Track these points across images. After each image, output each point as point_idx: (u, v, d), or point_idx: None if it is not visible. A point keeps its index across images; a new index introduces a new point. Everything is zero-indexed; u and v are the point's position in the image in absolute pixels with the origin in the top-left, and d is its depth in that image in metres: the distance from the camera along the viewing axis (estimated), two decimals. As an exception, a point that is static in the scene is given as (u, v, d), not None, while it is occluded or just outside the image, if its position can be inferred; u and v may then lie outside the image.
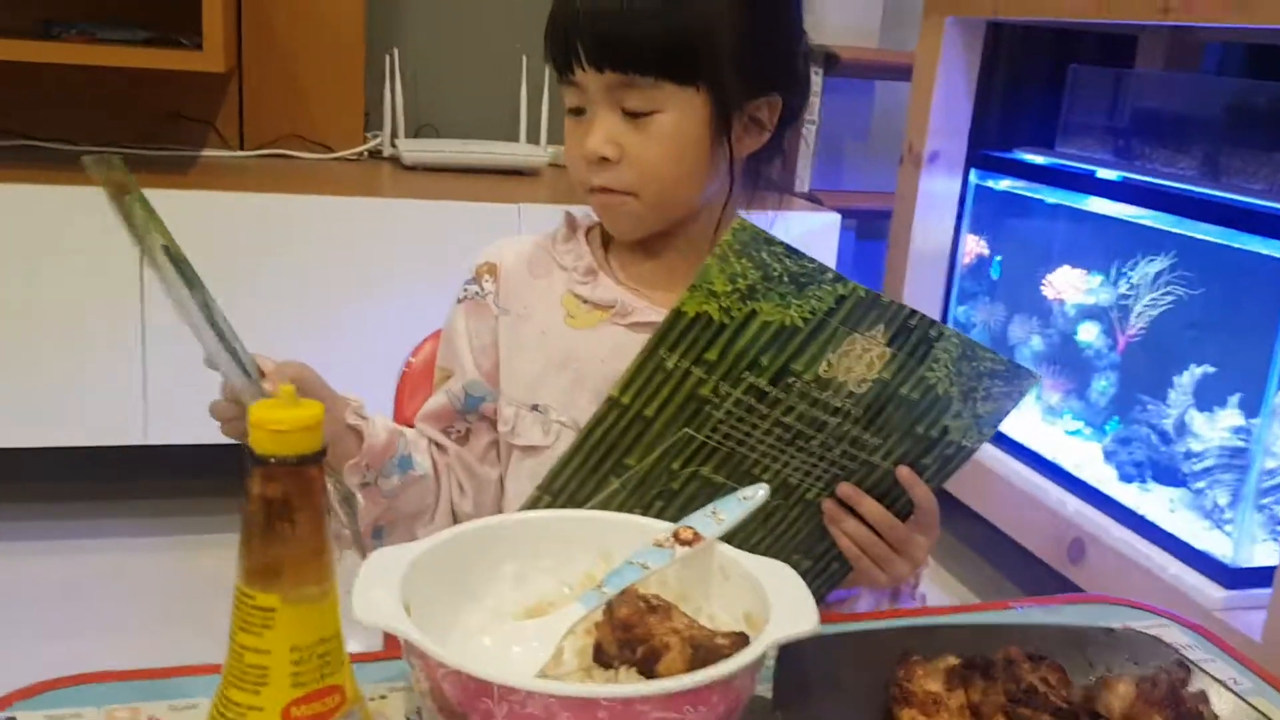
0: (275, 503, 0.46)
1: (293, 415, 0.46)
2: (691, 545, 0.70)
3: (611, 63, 0.86)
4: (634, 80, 0.86)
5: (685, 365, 0.74)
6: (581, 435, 0.78)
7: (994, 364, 0.76)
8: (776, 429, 0.77)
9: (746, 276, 0.71)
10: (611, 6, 0.85)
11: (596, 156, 0.89)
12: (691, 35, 0.86)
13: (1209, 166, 1.90)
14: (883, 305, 0.72)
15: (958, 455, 0.80)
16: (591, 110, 0.89)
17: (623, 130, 0.88)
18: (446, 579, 0.69)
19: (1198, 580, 1.67)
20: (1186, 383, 1.81)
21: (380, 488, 0.92)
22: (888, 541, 0.82)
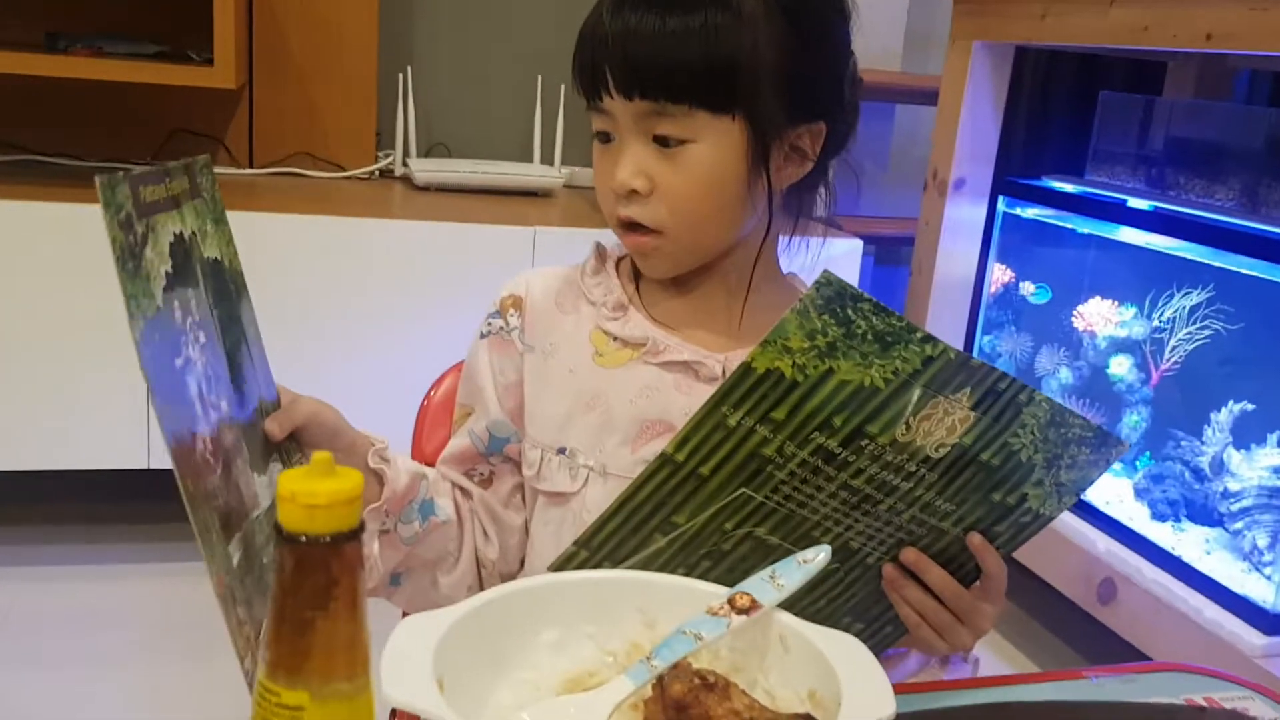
0: (306, 587, 0.41)
1: (329, 488, 0.40)
2: (749, 613, 0.65)
3: (642, 90, 0.81)
4: (666, 108, 0.81)
5: (750, 424, 0.68)
6: (628, 491, 0.72)
7: (1083, 430, 0.70)
8: (843, 492, 0.71)
9: (827, 334, 0.66)
10: (644, 29, 0.79)
11: (626, 189, 0.83)
12: (730, 61, 0.80)
13: (1247, 197, 1.85)
14: (972, 368, 0.67)
15: (1033, 523, 0.74)
16: (620, 138, 0.84)
17: (653, 161, 0.83)
18: (482, 648, 0.63)
19: (1236, 626, 1.61)
20: (1224, 419, 1.76)
21: (400, 534, 0.87)
22: (951, 610, 0.76)
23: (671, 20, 0.79)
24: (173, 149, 2.33)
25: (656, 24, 0.79)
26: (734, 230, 0.87)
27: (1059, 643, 2.09)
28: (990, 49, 2.20)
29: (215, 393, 0.66)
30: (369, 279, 2.03)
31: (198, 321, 0.65)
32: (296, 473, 0.41)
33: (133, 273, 0.59)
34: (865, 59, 2.91)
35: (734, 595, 0.66)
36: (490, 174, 2.41)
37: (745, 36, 0.80)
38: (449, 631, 0.60)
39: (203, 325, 0.66)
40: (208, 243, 0.69)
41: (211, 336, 0.67)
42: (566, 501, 0.89)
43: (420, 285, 2.05)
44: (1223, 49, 1.67)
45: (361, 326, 2.03)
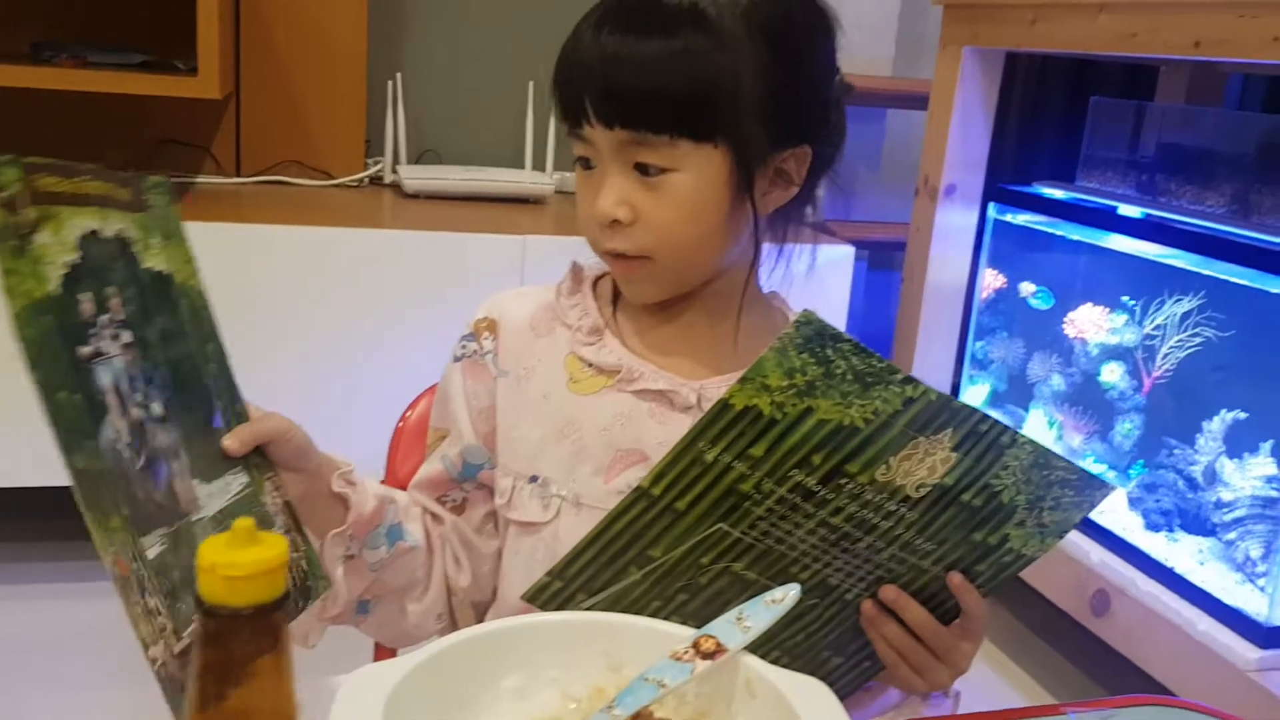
0: (228, 658, 0.39)
1: (251, 558, 0.39)
2: (714, 658, 0.63)
3: (623, 119, 0.79)
4: (647, 138, 0.79)
5: (727, 459, 0.67)
6: (604, 523, 0.71)
7: (1066, 473, 0.69)
8: (821, 529, 0.70)
9: (806, 372, 0.64)
10: (623, 54, 0.78)
11: (608, 219, 0.82)
12: (711, 89, 0.78)
13: (1239, 205, 1.83)
14: (953, 409, 0.65)
15: (1015, 563, 0.73)
16: (601, 166, 0.82)
17: (635, 190, 0.81)
18: (439, 697, 0.61)
19: (1230, 638, 1.60)
20: (1216, 428, 1.74)
21: (366, 559, 0.85)
22: (930, 648, 0.75)
23: (651, 44, 0.78)
24: (160, 159, 2.31)
25: (635, 48, 0.78)
26: (719, 256, 0.85)
27: (1053, 654, 2.08)
28: (981, 54, 2.18)
29: (142, 393, 0.66)
30: (358, 288, 2.02)
31: (121, 320, 0.66)
32: (218, 541, 0.39)
33: (14, 251, 0.59)
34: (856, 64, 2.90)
35: (699, 639, 0.64)
36: (481, 181, 2.40)
37: (726, 63, 0.78)
38: (404, 681, 0.59)
39: (129, 326, 0.66)
40: (151, 254, 0.70)
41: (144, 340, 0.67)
42: (538, 531, 0.88)
43: (411, 294, 2.03)
44: (1211, 56, 1.65)
45: (350, 336, 2.02)
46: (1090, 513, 0.72)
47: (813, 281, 0.97)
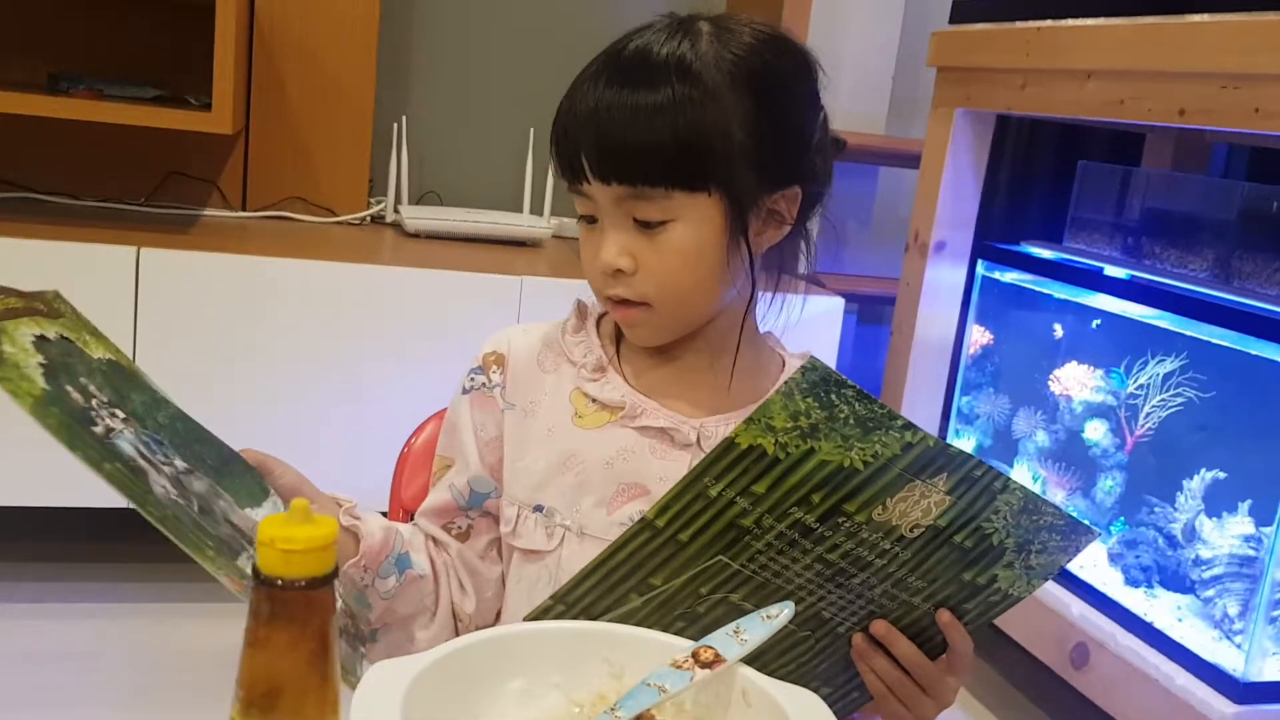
0: (280, 629, 0.42)
1: (306, 534, 0.42)
2: (712, 667, 0.66)
3: (618, 176, 0.83)
4: (644, 192, 0.83)
5: (730, 495, 0.71)
6: (608, 551, 0.74)
7: (1055, 518, 0.72)
8: (818, 564, 0.73)
9: (810, 415, 0.68)
10: (615, 118, 0.81)
11: (611, 269, 0.85)
12: (700, 140, 0.81)
13: (1221, 269, 1.89)
14: (950, 455, 0.69)
15: (1002, 603, 0.77)
16: (602, 220, 0.86)
17: (636, 241, 0.85)
18: (450, 695, 0.64)
19: (1207, 694, 1.62)
20: (1196, 487, 1.78)
21: (377, 589, 0.88)
22: (917, 682, 0.78)
23: (638, 97, 0.81)
24: (168, 190, 2.36)
25: (625, 102, 0.81)
26: (718, 299, 0.89)
27: (1032, 706, 2.10)
28: (972, 116, 2.24)
29: (162, 454, 0.70)
30: (358, 323, 2.05)
31: (105, 402, 0.70)
32: (275, 519, 0.43)
33: None
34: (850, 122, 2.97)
35: (698, 649, 0.67)
36: (480, 223, 2.44)
37: (712, 113, 0.81)
38: (418, 678, 0.62)
39: (115, 405, 0.70)
40: (93, 347, 0.75)
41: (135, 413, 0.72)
42: (542, 559, 0.91)
43: (408, 331, 2.07)
44: (1196, 124, 1.71)
45: (349, 370, 2.05)
46: (1076, 557, 0.76)
47: (802, 332, 1.01)
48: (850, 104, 2.84)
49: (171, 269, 1.95)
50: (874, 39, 2.84)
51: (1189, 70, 1.70)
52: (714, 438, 0.88)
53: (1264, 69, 1.56)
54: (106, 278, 1.91)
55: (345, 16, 2.38)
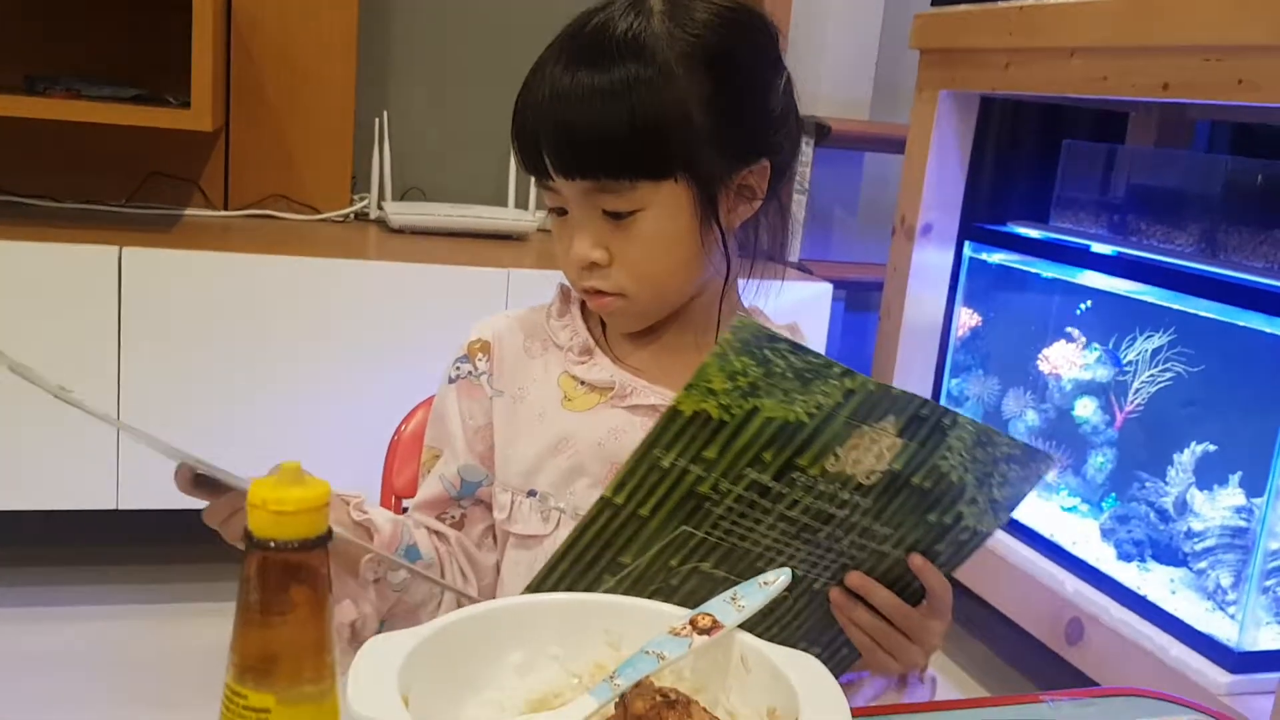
0: (273, 592, 0.42)
1: (297, 495, 0.42)
2: (710, 634, 0.66)
3: (580, 170, 0.82)
4: (608, 185, 0.82)
5: (683, 464, 0.70)
6: (573, 535, 0.73)
7: (1010, 448, 0.72)
8: (781, 523, 0.73)
9: (748, 374, 0.67)
10: (571, 108, 0.80)
11: (585, 262, 0.85)
12: (660, 128, 0.80)
13: (1207, 243, 1.89)
14: (893, 396, 0.69)
15: (972, 540, 0.76)
16: (572, 213, 0.85)
17: (607, 232, 0.84)
18: (447, 668, 0.64)
19: (1201, 664, 1.63)
20: (1187, 460, 1.78)
21: (389, 581, 0.87)
22: (900, 630, 0.77)
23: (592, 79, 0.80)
24: (149, 191, 2.34)
25: (579, 90, 0.80)
26: (695, 280, 0.88)
27: (1027, 682, 2.10)
28: (956, 98, 2.24)
29: None
30: (344, 319, 2.04)
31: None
32: (265, 482, 0.42)
33: None
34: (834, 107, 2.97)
35: (696, 616, 0.67)
36: (464, 217, 2.44)
37: (668, 96, 0.80)
38: (415, 651, 0.61)
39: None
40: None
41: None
42: (540, 544, 0.90)
43: (394, 325, 2.06)
44: (1179, 98, 1.71)
45: (336, 365, 2.04)
46: (1038, 485, 0.75)
47: (790, 318, 1.01)
48: (834, 90, 2.84)
49: (154, 268, 1.94)
50: (856, 23, 2.84)
51: (1171, 44, 1.70)
52: None
53: (1246, 40, 1.56)
54: (89, 279, 1.90)
55: (323, 12, 2.36)
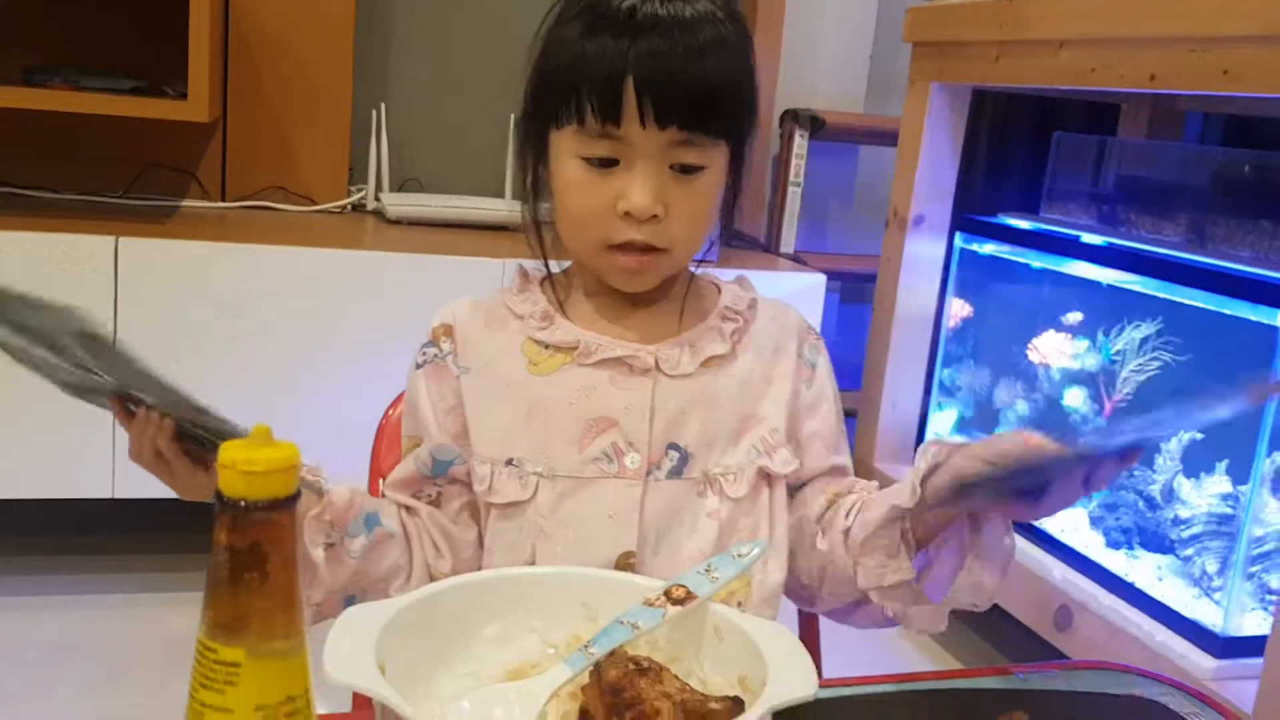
0: (244, 550, 0.43)
1: (266, 456, 0.43)
2: (684, 604, 0.67)
3: (682, 121, 0.83)
4: (696, 138, 0.83)
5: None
6: None
7: None
8: None
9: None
10: (682, 66, 0.82)
11: (648, 214, 0.84)
12: (746, 91, 0.86)
13: (1195, 233, 1.90)
14: None
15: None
16: (632, 163, 0.84)
17: (669, 186, 0.85)
18: (425, 638, 0.65)
19: (1187, 649, 1.64)
20: (1174, 449, 1.80)
21: (346, 547, 0.87)
22: None
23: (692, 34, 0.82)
24: (147, 182, 2.36)
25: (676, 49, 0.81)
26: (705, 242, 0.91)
27: (1019, 672, 2.11)
28: (948, 90, 2.26)
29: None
30: (341, 310, 2.05)
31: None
32: (235, 443, 0.43)
33: None
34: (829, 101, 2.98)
35: (670, 588, 0.68)
36: (461, 209, 2.45)
37: (747, 60, 0.86)
38: (392, 621, 0.63)
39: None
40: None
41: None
42: (521, 512, 0.91)
43: (391, 316, 2.07)
44: (1165, 89, 1.73)
45: (332, 355, 2.05)
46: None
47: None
48: (829, 84, 2.85)
49: (151, 258, 1.95)
50: (851, 17, 2.85)
51: (1157, 35, 1.71)
52: (670, 360, 0.89)
53: (1231, 31, 1.58)
54: (85, 268, 1.91)
55: (321, 4, 2.38)
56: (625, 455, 0.87)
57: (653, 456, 0.87)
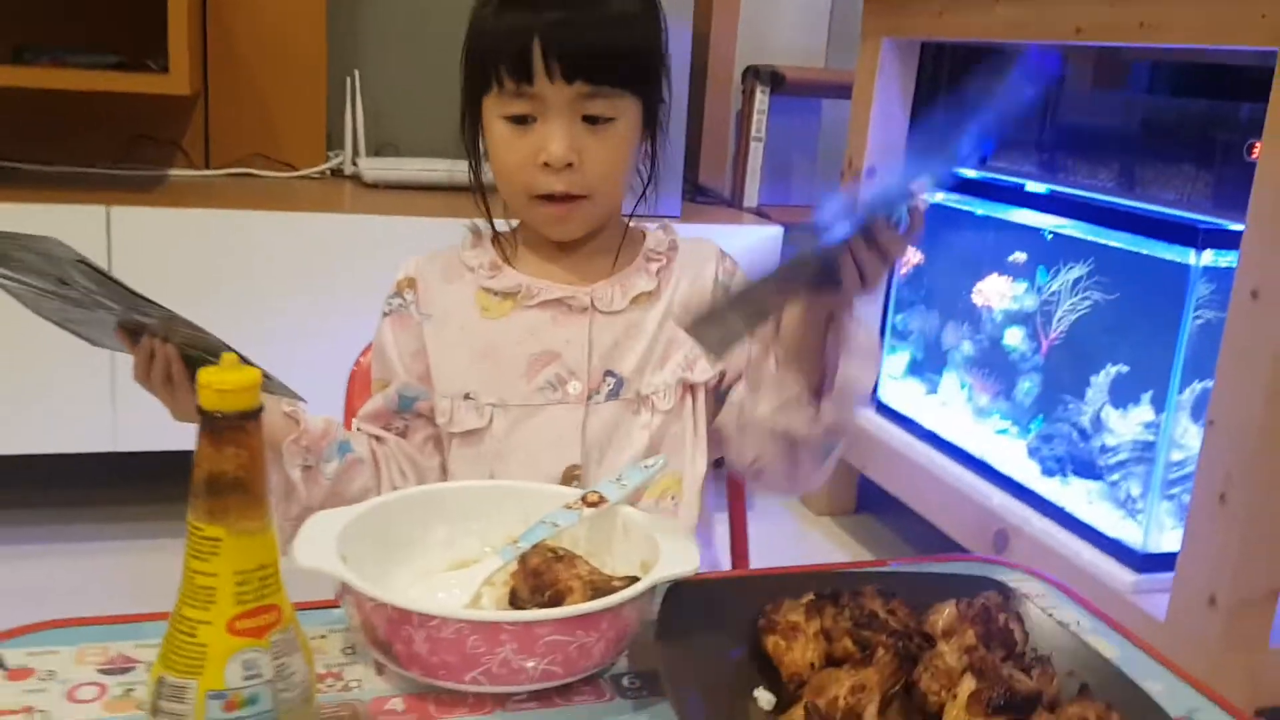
0: (220, 450, 0.56)
1: (235, 378, 0.55)
2: (597, 507, 0.80)
3: (587, 75, 0.93)
4: (603, 91, 0.94)
5: None
6: None
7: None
8: None
9: None
10: (585, 20, 0.92)
11: (563, 163, 0.95)
12: (649, 44, 0.96)
13: (1125, 179, 2.02)
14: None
15: None
16: (547, 118, 0.95)
17: (583, 136, 0.95)
18: (381, 539, 0.78)
19: (1111, 565, 1.78)
20: (1102, 382, 1.92)
21: (322, 470, 1.00)
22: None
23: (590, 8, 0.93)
24: (134, 153, 2.46)
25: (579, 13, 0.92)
26: (627, 192, 1.03)
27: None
28: (898, 45, 2.36)
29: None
30: (322, 270, 2.17)
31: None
32: (210, 370, 0.56)
33: None
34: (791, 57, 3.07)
35: (587, 494, 0.81)
36: (436, 171, 2.55)
37: (650, 22, 0.96)
38: (352, 522, 0.76)
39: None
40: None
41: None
42: (480, 438, 1.04)
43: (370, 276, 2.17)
44: (1090, 41, 1.84)
45: (314, 313, 2.16)
46: None
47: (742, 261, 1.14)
48: (790, 38, 2.95)
49: (141, 227, 2.07)
50: (809, -26, 2.94)
51: (1081, -9, 1.82)
52: (604, 299, 1.02)
53: (1145, -14, 1.69)
54: (79, 238, 2.01)
55: (294, -24, 2.47)
56: (568, 383, 1.00)
57: (592, 383, 1.00)
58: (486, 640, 0.64)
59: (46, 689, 0.67)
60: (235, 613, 0.56)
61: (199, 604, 0.56)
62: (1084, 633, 0.80)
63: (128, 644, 0.71)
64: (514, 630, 0.64)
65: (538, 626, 0.65)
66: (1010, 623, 0.68)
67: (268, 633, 0.57)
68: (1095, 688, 0.65)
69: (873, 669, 0.60)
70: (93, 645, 0.71)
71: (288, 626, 0.59)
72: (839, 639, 0.67)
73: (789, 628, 0.68)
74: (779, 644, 0.68)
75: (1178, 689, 0.75)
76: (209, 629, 0.56)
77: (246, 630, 0.57)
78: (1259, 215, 1.48)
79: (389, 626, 0.66)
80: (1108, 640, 0.82)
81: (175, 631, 0.57)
